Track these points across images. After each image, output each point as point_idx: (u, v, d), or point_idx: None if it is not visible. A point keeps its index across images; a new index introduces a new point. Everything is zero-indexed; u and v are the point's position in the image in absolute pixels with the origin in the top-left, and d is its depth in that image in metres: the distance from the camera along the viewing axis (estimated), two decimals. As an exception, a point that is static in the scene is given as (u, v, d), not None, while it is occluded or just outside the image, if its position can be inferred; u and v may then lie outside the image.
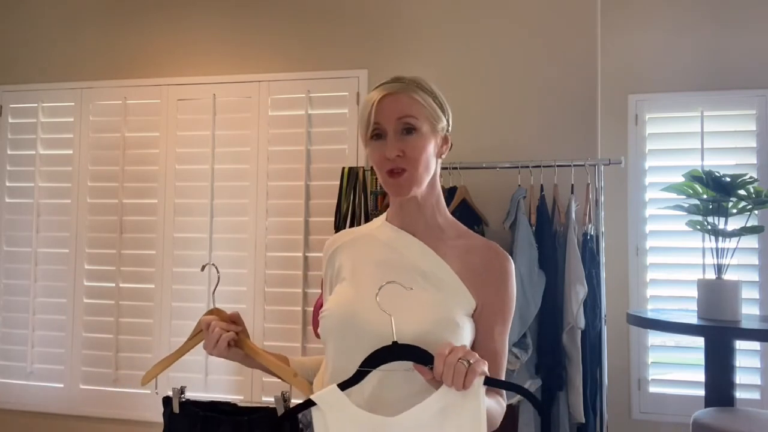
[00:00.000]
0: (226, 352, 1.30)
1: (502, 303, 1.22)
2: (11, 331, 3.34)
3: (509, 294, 1.23)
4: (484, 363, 1.04)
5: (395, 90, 1.21)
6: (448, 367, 1.01)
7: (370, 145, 1.23)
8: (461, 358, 1.01)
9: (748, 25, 3.09)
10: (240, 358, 1.34)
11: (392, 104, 1.20)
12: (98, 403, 3.20)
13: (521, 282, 2.45)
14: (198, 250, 3.13)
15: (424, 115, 1.22)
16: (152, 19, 3.33)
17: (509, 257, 1.26)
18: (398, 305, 1.12)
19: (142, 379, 1.41)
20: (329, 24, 3.12)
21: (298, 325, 3.00)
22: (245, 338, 1.33)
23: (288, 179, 3.07)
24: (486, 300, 1.21)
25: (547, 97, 2.86)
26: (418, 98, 1.22)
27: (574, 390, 2.43)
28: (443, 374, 1.02)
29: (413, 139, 1.21)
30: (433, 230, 1.27)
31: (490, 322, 1.21)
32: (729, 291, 2.40)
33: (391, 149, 1.19)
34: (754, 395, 2.92)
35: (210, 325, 1.30)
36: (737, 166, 2.98)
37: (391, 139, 1.20)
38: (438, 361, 1.03)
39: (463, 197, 2.67)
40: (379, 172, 1.23)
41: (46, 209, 3.36)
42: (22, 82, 3.44)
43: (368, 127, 1.21)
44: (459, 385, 1.01)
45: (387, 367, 1.08)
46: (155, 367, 1.41)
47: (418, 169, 1.21)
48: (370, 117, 1.21)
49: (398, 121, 1.20)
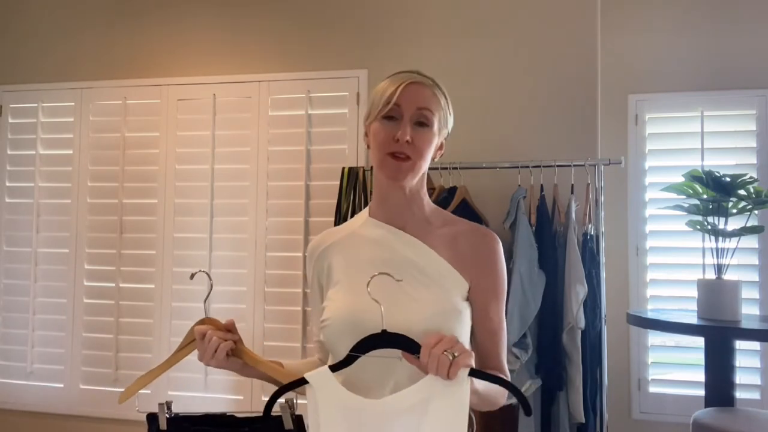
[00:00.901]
0: (225, 362, 1.27)
1: (493, 281, 1.26)
2: (11, 331, 3.34)
3: (499, 272, 1.27)
4: (469, 355, 1.06)
5: (421, 81, 1.25)
6: (432, 358, 1.04)
7: (379, 123, 1.24)
8: (447, 349, 1.03)
9: (748, 25, 3.09)
10: (238, 368, 1.30)
11: (417, 92, 1.24)
12: (98, 403, 3.20)
13: (521, 282, 2.45)
14: (198, 250, 3.13)
15: (438, 114, 1.25)
16: (152, 19, 3.33)
17: (496, 237, 1.29)
18: (403, 303, 1.13)
19: (119, 396, 1.31)
20: (329, 24, 3.12)
21: (298, 325, 3.00)
22: (242, 346, 1.29)
23: (288, 179, 3.07)
24: (477, 280, 1.24)
25: (547, 97, 2.86)
26: (439, 97, 1.26)
27: (574, 390, 2.43)
28: (428, 365, 1.04)
29: (424, 132, 1.23)
30: (419, 222, 1.29)
31: (485, 302, 1.25)
32: (729, 291, 2.40)
33: (404, 132, 1.20)
34: (754, 395, 2.92)
35: (206, 335, 1.26)
36: (737, 166, 2.98)
37: (405, 124, 1.22)
38: (423, 351, 1.05)
39: (463, 197, 2.67)
40: (380, 152, 1.24)
41: (46, 209, 3.36)
42: (22, 82, 3.44)
43: (386, 105, 1.22)
44: (443, 375, 1.03)
45: (379, 353, 1.11)
46: (136, 382, 1.32)
47: (421, 161, 1.24)
48: (392, 96, 1.22)
49: (418, 110, 1.23)
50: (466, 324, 1.21)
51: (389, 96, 1.22)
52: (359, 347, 1.11)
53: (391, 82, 1.25)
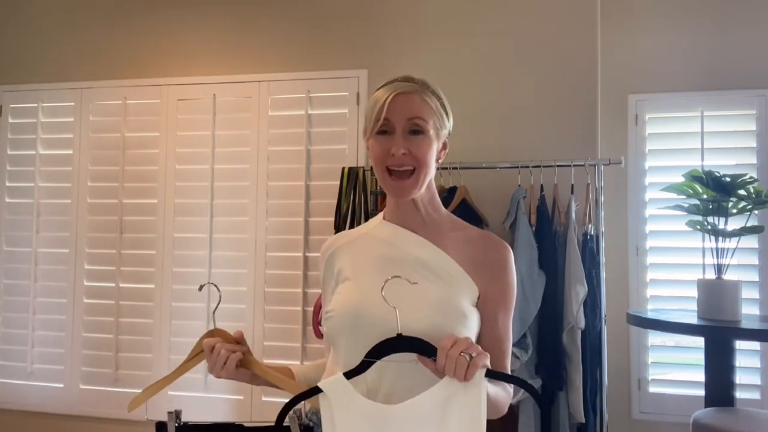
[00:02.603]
0: (235, 374, 1.27)
1: (503, 290, 1.25)
2: (11, 331, 3.34)
3: (510, 281, 1.26)
4: (485, 356, 1.05)
5: (409, 90, 1.24)
6: (450, 360, 1.03)
7: (374, 140, 1.24)
8: (463, 351, 1.03)
9: (748, 25, 3.09)
10: (247, 379, 1.31)
11: (405, 103, 1.22)
12: (98, 403, 3.20)
13: (521, 282, 2.45)
14: (198, 250, 3.13)
15: (431, 119, 1.24)
16: (152, 19, 3.33)
17: (507, 246, 1.28)
18: (406, 300, 1.13)
19: (129, 404, 1.33)
20: (329, 24, 3.12)
21: (298, 325, 2.99)
22: (251, 357, 1.30)
23: (288, 179, 3.07)
24: (488, 288, 1.23)
25: (547, 97, 2.86)
26: (429, 102, 1.24)
27: (574, 390, 2.43)
28: (445, 367, 1.03)
29: (419, 140, 1.23)
30: (430, 225, 1.29)
31: (494, 310, 1.24)
32: (729, 291, 2.40)
33: (398, 146, 1.20)
34: (754, 395, 2.92)
35: (215, 348, 1.26)
36: (737, 166, 2.98)
37: (398, 137, 1.22)
38: (440, 353, 1.04)
39: (463, 197, 2.67)
40: (378, 168, 1.24)
41: (46, 209, 3.36)
42: (22, 82, 3.45)
43: (376, 122, 1.22)
44: (461, 378, 1.02)
45: (393, 358, 1.09)
46: (145, 391, 1.33)
47: (422, 169, 1.23)
48: (381, 112, 1.22)
49: (408, 121, 1.22)
50: (470, 329, 1.19)
51: (378, 112, 1.22)
52: (374, 352, 1.09)
53: (379, 96, 1.24)
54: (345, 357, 1.21)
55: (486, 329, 1.23)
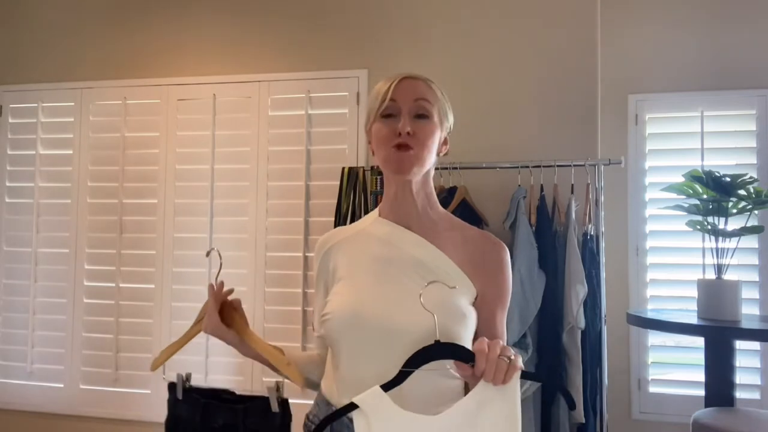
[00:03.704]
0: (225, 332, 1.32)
1: (501, 290, 1.26)
2: (11, 331, 3.34)
3: (507, 281, 1.27)
4: (519, 358, 1.05)
5: (414, 76, 1.27)
6: (490, 364, 1.02)
7: (380, 123, 1.25)
8: (500, 354, 1.02)
9: (748, 24, 3.09)
10: (237, 342, 1.35)
11: (411, 86, 1.25)
12: (98, 403, 3.20)
13: (521, 282, 2.45)
14: (198, 250, 3.13)
15: (436, 105, 1.26)
16: (152, 19, 3.33)
17: (505, 246, 1.29)
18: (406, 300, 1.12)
19: (152, 364, 1.44)
20: (329, 24, 3.12)
21: (298, 325, 2.99)
22: (245, 325, 1.35)
23: (288, 179, 3.07)
24: (486, 288, 1.24)
25: (547, 97, 2.86)
26: (435, 90, 1.27)
27: (574, 390, 2.43)
28: (485, 371, 1.02)
29: (424, 123, 1.24)
30: (426, 223, 1.29)
31: (492, 310, 1.24)
32: (729, 291, 2.40)
33: (405, 124, 1.21)
34: (754, 395, 2.92)
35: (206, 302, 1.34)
36: (737, 166, 2.98)
37: (405, 117, 1.22)
38: (480, 358, 1.02)
39: (463, 197, 2.67)
40: (384, 148, 1.24)
41: (46, 209, 3.36)
42: (22, 82, 3.45)
43: (382, 104, 1.23)
44: (499, 381, 1.02)
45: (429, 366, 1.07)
46: (164, 352, 1.43)
47: (424, 151, 1.23)
48: (386, 94, 1.23)
49: (414, 102, 1.23)
50: (469, 328, 1.19)
51: (384, 93, 1.24)
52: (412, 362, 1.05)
53: (384, 82, 1.27)
54: (345, 358, 1.21)
55: (484, 329, 1.23)
